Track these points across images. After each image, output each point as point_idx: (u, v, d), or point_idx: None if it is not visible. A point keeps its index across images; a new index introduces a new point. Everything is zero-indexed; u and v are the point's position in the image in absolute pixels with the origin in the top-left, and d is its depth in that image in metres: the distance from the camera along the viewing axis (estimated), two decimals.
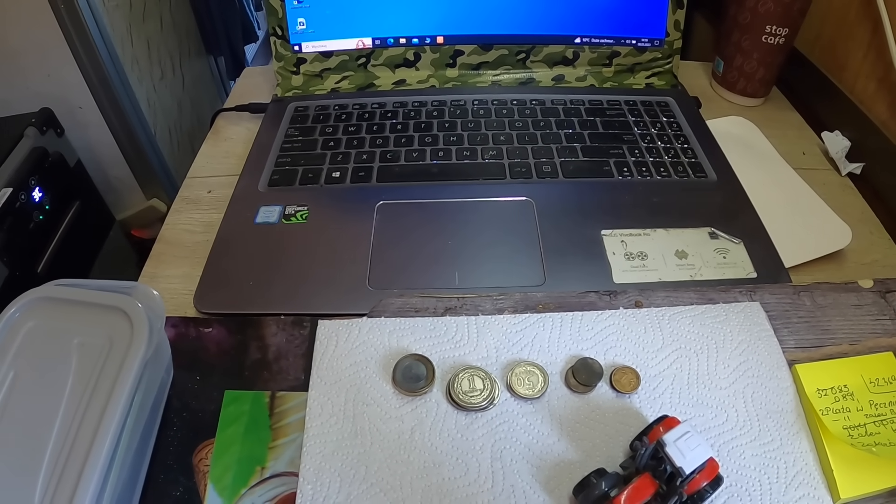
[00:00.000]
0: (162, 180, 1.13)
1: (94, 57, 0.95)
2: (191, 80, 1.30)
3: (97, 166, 1.07)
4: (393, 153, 0.62)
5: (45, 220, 0.90)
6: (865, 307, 0.50)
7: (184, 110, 1.27)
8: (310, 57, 0.70)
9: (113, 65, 0.99)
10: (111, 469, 0.35)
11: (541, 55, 0.71)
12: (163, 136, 1.16)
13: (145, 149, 1.08)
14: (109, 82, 0.98)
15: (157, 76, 1.16)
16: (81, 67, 0.96)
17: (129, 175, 1.11)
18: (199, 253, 0.54)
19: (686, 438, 0.37)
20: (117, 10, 1.02)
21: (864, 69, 0.67)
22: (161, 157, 1.13)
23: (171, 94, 1.21)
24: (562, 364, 0.45)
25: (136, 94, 1.05)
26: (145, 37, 1.12)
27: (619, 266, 0.51)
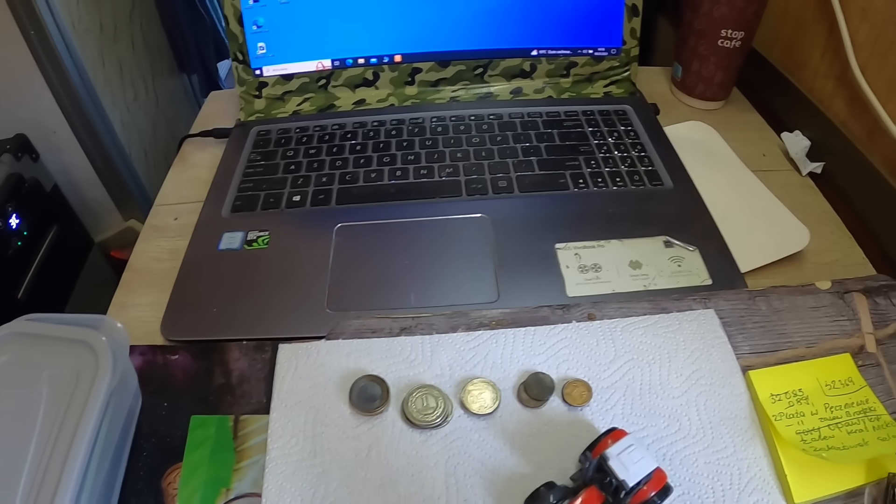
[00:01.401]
0: (139, 201, 1.14)
1: (66, 81, 0.96)
2: (165, 99, 1.31)
3: (74, 189, 1.07)
4: (352, 174, 0.62)
5: (24, 246, 0.90)
6: (823, 309, 0.51)
7: (158, 130, 1.28)
8: (271, 80, 0.70)
9: (85, 88, 1.00)
10: (81, 495, 0.36)
11: (498, 69, 0.71)
12: (138, 157, 1.17)
13: (121, 170, 1.08)
14: (82, 106, 0.99)
15: (130, 97, 1.16)
16: (54, 92, 0.97)
17: (105, 197, 1.11)
18: (167, 280, 0.55)
19: (629, 452, 0.37)
20: (88, 34, 1.03)
21: (822, 68, 0.67)
22: (137, 178, 1.14)
23: (144, 115, 1.22)
24: (514, 379, 0.46)
25: (109, 116, 1.06)
26: (117, 58, 1.13)
27: (573, 279, 0.52)
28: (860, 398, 0.45)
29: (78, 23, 1.02)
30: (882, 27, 0.59)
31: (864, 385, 0.46)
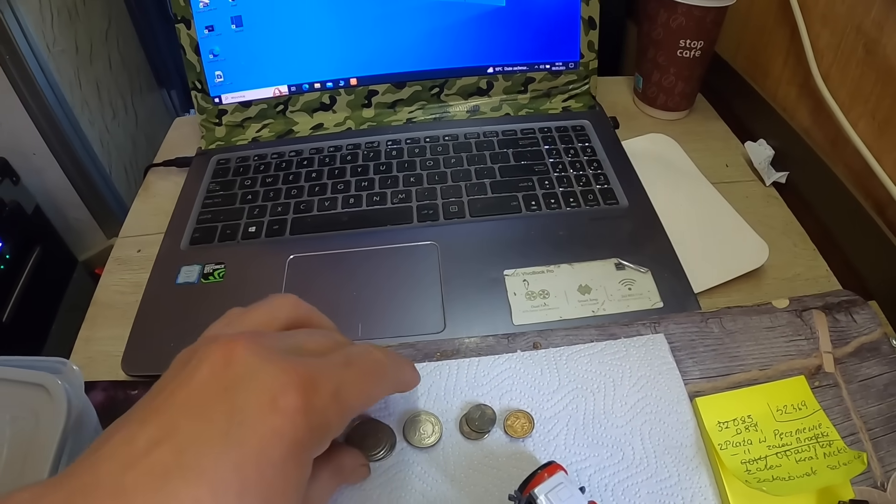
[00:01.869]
0: (121, 219, 1.14)
1: (42, 103, 0.97)
2: (144, 115, 1.32)
3: (56, 210, 1.09)
4: (306, 203, 0.62)
5: (7, 269, 0.92)
6: (779, 329, 0.49)
7: (138, 147, 1.29)
8: (230, 108, 0.70)
9: (62, 109, 1.01)
10: None
11: (454, 88, 0.70)
12: (118, 175, 1.18)
13: (101, 189, 1.10)
14: (60, 127, 1.00)
15: (108, 116, 1.18)
16: (31, 115, 0.98)
17: (88, 216, 1.12)
18: (130, 314, 0.55)
19: (558, 490, 0.36)
20: (63, 55, 1.04)
21: (786, 75, 0.66)
22: (118, 196, 1.15)
23: (124, 132, 1.23)
24: (457, 411, 0.45)
25: (87, 135, 1.07)
26: (94, 78, 1.14)
27: (520, 307, 0.51)
28: (812, 423, 0.44)
29: (53, 45, 1.03)
30: (843, 33, 0.58)
31: (818, 409, 0.45)
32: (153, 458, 0.25)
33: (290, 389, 0.28)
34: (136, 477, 0.25)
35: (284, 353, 0.30)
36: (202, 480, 0.25)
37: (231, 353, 0.29)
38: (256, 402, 0.27)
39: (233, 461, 0.26)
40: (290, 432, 0.27)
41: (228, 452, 0.26)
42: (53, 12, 1.04)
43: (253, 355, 0.29)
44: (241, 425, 0.27)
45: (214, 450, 0.26)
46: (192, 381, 0.28)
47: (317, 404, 0.29)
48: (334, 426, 0.31)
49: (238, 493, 0.25)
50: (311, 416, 0.28)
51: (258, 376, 0.28)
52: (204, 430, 0.26)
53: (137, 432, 0.26)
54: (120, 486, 0.24)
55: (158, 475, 0.25)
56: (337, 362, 0.32)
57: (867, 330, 0.49)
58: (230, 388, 0.28)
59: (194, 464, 0.25)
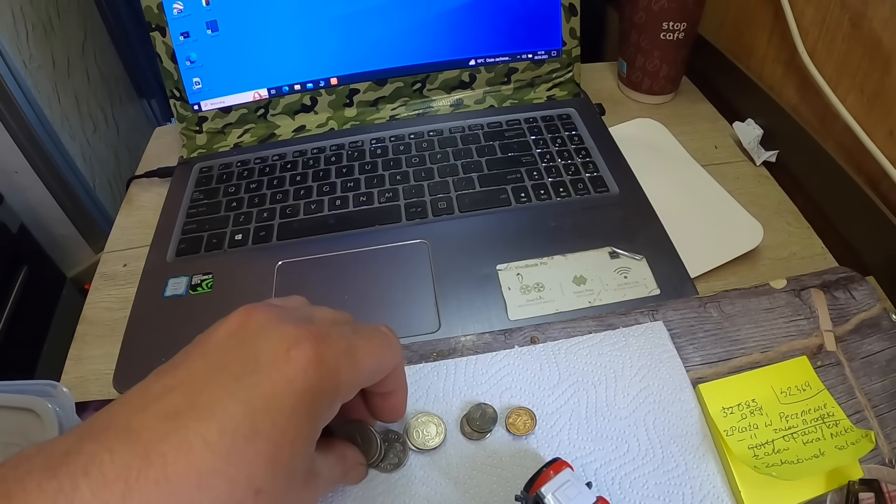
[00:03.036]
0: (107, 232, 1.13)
1: (21, 121, 0.96)
2: (125, 127, 1.30)
3: (41, 227, 1.07)
4: (292, 207, 0.61)
5: None
6: (778, 310, 0.49)
7: (121, 159, 1.27)
8: (210, 114, 0.69)
9: (42, 126, 0.99)
10: None
11: (437, 82, 0.69)
12: (103, 189, 1.16)
13: (86, 204, 1.09)
14: (41, 143, 0.99)
15: (89, 129, 1.16)
16: (11, 132, 0.96)
17: (74, 232, 1.11)
18: (119, 331, 0.54)
19: (566, 488, 0.36)
20: (40, 71, 1.03)
21: (771, 53, 0.65)
22: (103, 210, 1.14)
23: (106, 145, 1.22)
24: (457, 412, 0.44)
25: (69, 150, 1.06)
26: (73, 92, 1.12)
27: (515, 301, 0.50)
28: (817, 403, 0.43)
29: (29, 61, 1.02)
30: (827, 8, 0.57)
31: (822, 389, 0.44)
32: (165, 401, 0.26)
33: (303, 342, 0.29)
34: (147, 418, 0.25)
35: (298, 318, 0.31)
36: (212, 420, 0.25)
37: (248, 316, 0.30)
38: (271, 352, 0.28)
39: (243, 404, 0.26)
40: (302, 381, 0.28)
41: (240, 396, 0.26)
42: (28, 27, 1.02)
43: (269, 316, 0.30)
44: (255, 372, 0.27)
45: (226, 392, 0.26)
46: (209, 340, 0.29)
47: (329, 358, 0.29)
48: (345, 383, 0.31)
49: (247, 437, 0.26)
50: (323, 368, 0.29)
51: (273, 331, 0.29)
52: (217, 375, 0.27)
53: (153, 382, 0.27)
54: (129, 427, 0.25)
55: (169, 415, 0.25)
56: (346, 328, 0.33)
57: (866, 306, 0.49)
58: (246, 342, 0.29)
59: (205, 405, 0.25)
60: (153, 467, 0.23)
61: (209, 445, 0.25)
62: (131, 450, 0.24)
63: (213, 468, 0.24)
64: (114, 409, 0.26)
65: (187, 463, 0.24)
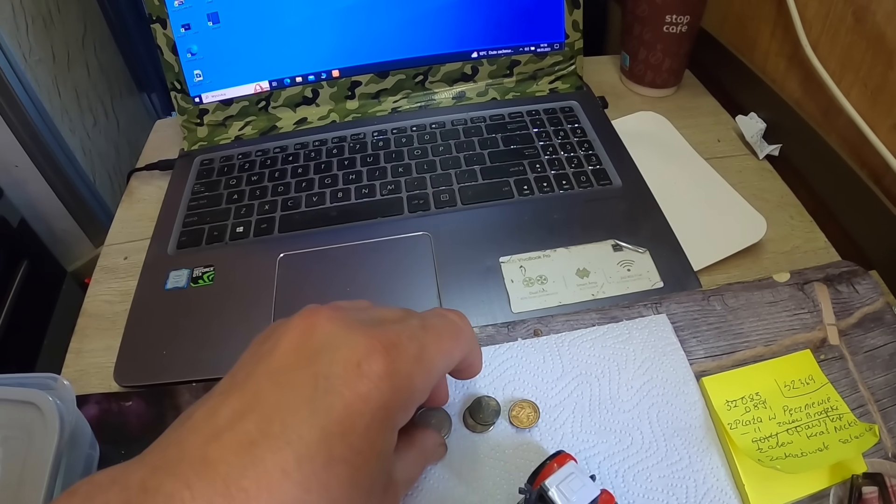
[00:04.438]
0: (107, 226, 1.12)
1: (21, 114, 0.95)
2: (126, 120, 1.30)
3: (42, 221, 1.07)
4: (294, 200, 0.60)
5: None
6: (781, 303, 0.49)
7: (121, 153, 1.27)
8: (211, 107, 0.69)
9: (42, 119, 0.99)
10: None
11: (439, 75, 0.69)
12: (103, 183, 1.16)
13: (86, 198, 1.08)
14: (41, 137, 0.98)
15: (89, 123, 1.16)
16: (11, 126, 0.96)
17: (74, 226, 1.11)
18: (120, 324, 0.53)
19: (569, 480, 0.35)
20: (40, 65, 1.02)
21: (774, 47, 0.65)
22: (104, 204, 1.13)
23: (106, 139, 1.21)
24: (460, 405, 0.44)
25: (69, 144, 1.06)
26: (73, 86, 1.12)
27: (518, 294, 0.50)
28: (821, 397, 0.43)
29: (29, 54, 1.01)
30: (831, 3, 0.57)
31: (826, 382, 0.44)
32: (237, 429, 0.25)
33: (374, 354, 0.28)
34: (221, 448, 0.24)
35: (364, 322, 0.30)
36: (288, 449, 0.25)
37: (313, 324, 0.29)
38: (342, 369, 0.27)
39: (318, 430, 0.25)
40: (377, 397, 0.27)
41: (314, 420, 0.25)
42: (28, 21, 1.02)
43: (335, 324, 0.29)
44: (327, 392, 0.26)
45: (299, 418, 0.25)
46: (274, 352, 0.28)
47: (401, 368, 0.28)
48: (419, 389, 0.30)
49: (324, 463, 0.25)
50: (396, 379, 0.28)
51: (342, 344, 0.28)
52: (288, 398, 0.26)
53: (220, 405, 0.26)
54: (204, 459, 0.24)
55: (244, 446, 0.24)
56: (415, 325, 0.32)
57: (869, 300, 0.49)
58: (313, 357, 0.27)
59: (279, 433, 0.25)
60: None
61: (287, 476, 0.24)
62: (211, 486, 0.23)
63: (293, 499, 0.24)
64: (184, 437, 0.25)
65: (269, 497, 0.23)
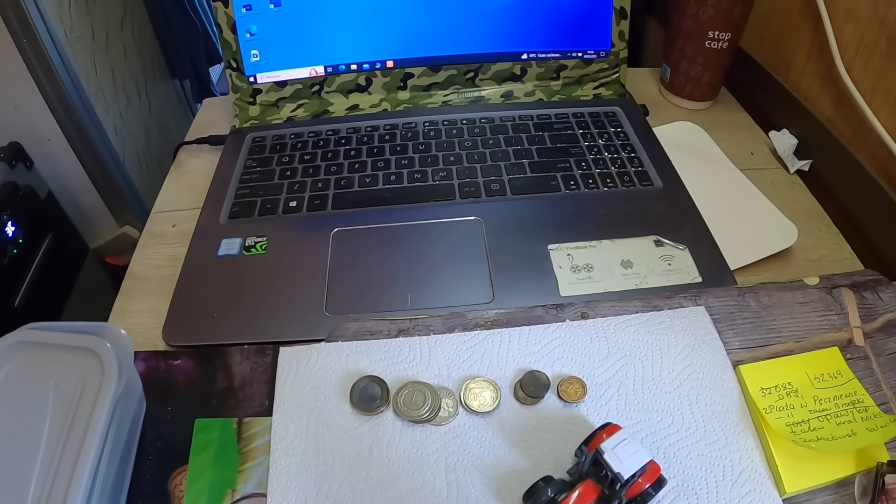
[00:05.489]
0: (133, 207, 1.15)
1: (58, 89, 0.96)
2: (157, 105, 1.31)
3: (68, 196, 1.07)
4: (347, 179, 0.63)
5: (19, 254, 0.90)
6: (811, 304, 0.52)
7: (151, 135, 1.28)
8: (265, 87, 0.71)
9: (78, 95, 1.00)
10: (91, 501, 0.37)
11: (489, 73, 0.72)
12: (132, 163, 1.17)
13: (115, 177, 1.09)
14: (75, 113, 0.99)
15: (122, 103, 1.16)
16: (47, 100, 0.97)
17: (100, 203, 1.11)
18: (166, 287, 0.55)
19: (623, 445, 0.38)
20: (80, 41, 1.03)
21: (808, 68, 0.68)
22: (131, 184, 1.14)
23: (138, 121, 1.22)
24: (511, 378, 0.46)
25: (102, 122, 1.06)
26: (109, 65, 1.13)
27: (566, 279, 0.53)
28: (848, 390, 0.46)
29: (70, 31, 1.02)
30: (866, 27, 0.60)
31: (853, 378, 0.47)
32: None
33: None
34: None
35: None
36: None
37: None
38: None
39: None
40: None
41: None
42: None
43: None
44: None
45: None
46: None
47: None
48: None
49: None
50: None
51: None
52: None
53: None
54: None
55: None
56: None
57: (893, 308, 0.52)
58: None
59: None
60: None
61: None
62: None
63: None
64: None
65: None
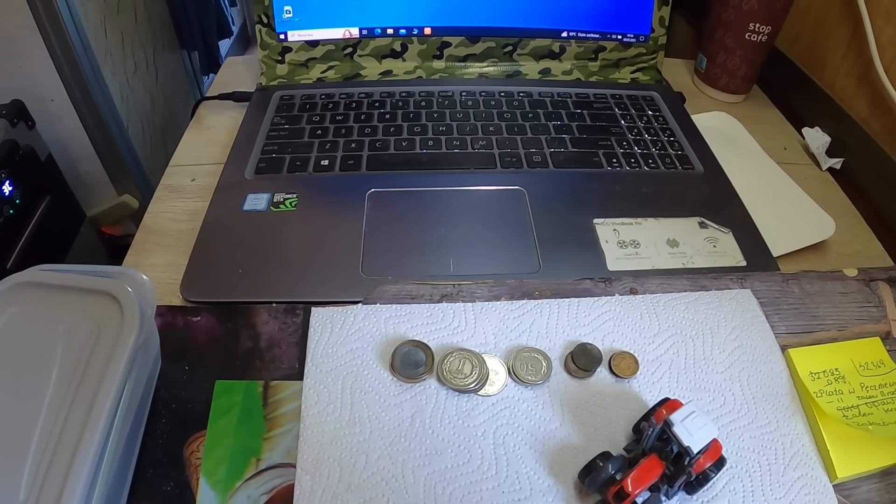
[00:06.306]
0: (134, 176, 1.10)
1: (67, 48, 0.92)
2: (164, 74, 1.27)
3: (68, 160, 1.03)
4: (382, 142, 0.61)
5: (16, 215, 0.87)
6: (851, 294, 0.51)
7: (156, 105, 1.23)
8: (295, 46, 0.69)
9: (86, 56, 0.95)
10: (101, 464, 0.33)
11: (528, 48, 0.71)
12: (136, 131, 1.12)
13: (118, 143, 1.04)
14: (82, 74, 0.95)
15: (130, 69, 1.12)
16: (54, 58, 0.92)
17: (100, 170, 1.07)
18: (184, 241, 0.53)
19: (693, 418, 0.37)
20: (91, 1, 0.99)
21: (844, 68, 0.69)
22: (133, 152, 1.09)
23: (144, 89, 1.18)
24: (560, 350, 0.45)
25: (109, 87, 1.02)
26: (119, 29, 1.08)
27: (613, 254, 0.51)
28: (892, 379, 0.46)
29: None
30: None
31: (895, 367, 0.47)
32: None
33: None
34: None
35: None
36: None
37: None
38: None
39: None
40: None
41: None
42: None
43: None
44: None
45: None
46: None
47: None
48: None
49: None
50: None
51: None
52: None
53: None
54: None
55: None
56: None
57: None
58: None
59: None
60: None
61: None
62: None
63: None
64: None
65: None
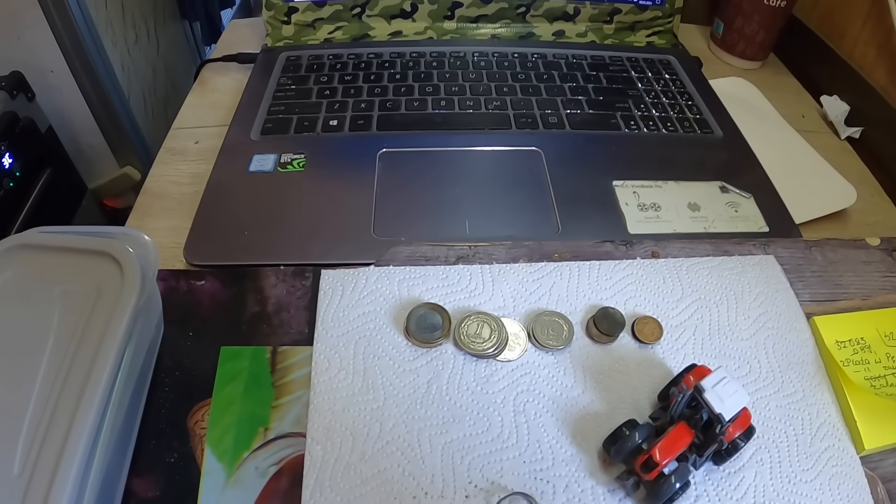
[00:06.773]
0: (136, 147, 1.07)
1: (67, 18, 0.88)
2: (165, 45, 1.23)
3: (69, 132, 1.00)
4: (393, 102, 0.59)
5: (16, 188, 0.84)
6: (874, 264, 0.50)
7: (158, 76, 1.20)
8: (302, 6, 0.66)
9: (87, 27, 0.92)
10: (100, 435, 0.31)
11: (541, 10, 0.69)
12: (137, 103, 1.09)
13: (119, 115, 1.01)
14: (83, 45, 0.92)
15: (131, 40, 1.09)
16: (54, 29, 0.89)
17: (101, 142, 1.04)
18: (187, 204, 0.51)
19: (724, 384, 0.35)
20: None
21: (864, 36, 0.67)
22: (135, 124, 1.07)
23: (145, 59, 1.15)
24: (581, 314, 0.43)
25: (110, 57, 0.99)
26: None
27: (633, 217, 0.50)
28: None
29: None
30: None
31: None
32: None
33: None
34: None
35: None
36: None
37: None
38: None
39: None
40: None
41: None
42: None
43: None
44: None
45: None
46: None
47: None
48: None
49: None
50: None
51: None
52: None
53: None
54: None
55: None
56: None
57: None
58: None
59: None
60: None
61: None
62: None
63: None
64: None
65: None
